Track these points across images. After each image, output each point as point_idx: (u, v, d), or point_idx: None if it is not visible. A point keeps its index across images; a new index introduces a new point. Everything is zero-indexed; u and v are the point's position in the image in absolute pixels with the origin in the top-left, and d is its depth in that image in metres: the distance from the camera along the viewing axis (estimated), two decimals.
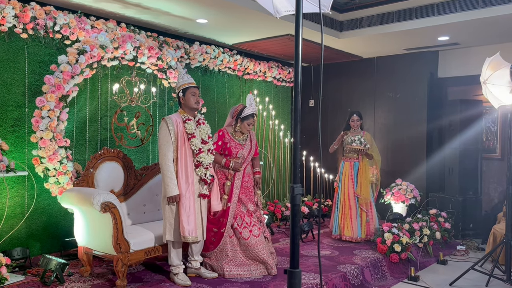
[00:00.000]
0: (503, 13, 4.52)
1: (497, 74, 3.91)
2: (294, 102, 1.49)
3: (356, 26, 5.65)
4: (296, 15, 1.45)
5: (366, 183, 5.20)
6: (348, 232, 5.15)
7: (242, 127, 3.96)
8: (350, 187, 5.20)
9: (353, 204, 5.17)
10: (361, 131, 5.31)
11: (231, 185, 3.92)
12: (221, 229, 3.86)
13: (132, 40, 4.55)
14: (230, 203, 3.88)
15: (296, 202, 1.51)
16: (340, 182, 5.29)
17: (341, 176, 5.28)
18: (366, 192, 5.19)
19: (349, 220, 5.16)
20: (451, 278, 4.29)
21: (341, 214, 5.22)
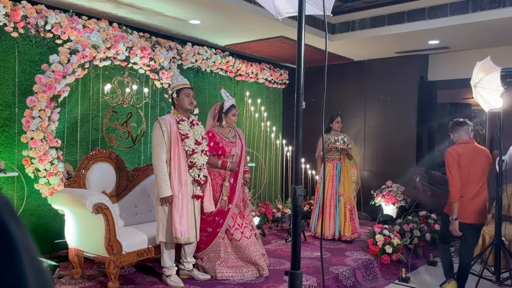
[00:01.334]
0: (493, 18, 4.60)
1: (488, 78, 3.97)
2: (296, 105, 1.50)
3: (348, 29, 5.69)
4: (299, 17, 1.45)
5: (349, 183, 5.37)
6: (319, 230, 5.27)
7: (228, 121, 3.96)
8: (330, 187, 5.32)
9: (332, 204, 5.29)
10: (341, 134, 5.42)
11: (232, 185, 3.90)
12: (217, 229, 3.84)
13: (124, 40, 4.52)
14: (231, 204, 3.87)
15: (297, 204, 1.51)
16: (322, 182, 5.35)
17: (323, 177, 5.33)
18: (349, 191, 5.35)
19: (326, 219, 5.29)
20: (441, 279, 4.34)
21: (319, 213, 5.34)
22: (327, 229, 5.29)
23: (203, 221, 3.83)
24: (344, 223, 5.25)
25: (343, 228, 5.25)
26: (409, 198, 5.83)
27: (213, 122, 4.06)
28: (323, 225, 5.33)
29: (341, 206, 5.29)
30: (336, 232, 5.25)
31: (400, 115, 6.57)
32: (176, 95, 3.59)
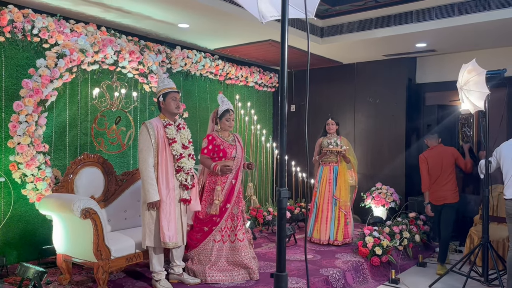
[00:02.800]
0: (478, 21, 4.67)
1: (473, 80, 4.02)
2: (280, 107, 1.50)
3: (336, 32, 5.73)
4: (282, 20, 1.46)
5: (345, 186, 5.31)
6: (317, 235, 5.27)
7: (222, 126, 3.97)
8: (327, 190, 5.28)
9: (330, 207, 5.25)
10: (337, 136, 5.40)
11: (232, 185, 3.90)
12: (213, 227, 3.83)
13: (112, 44, 4.50)
14: (229, 204, 3.87)
15: (282, 206, 1.51)
16: (319, 186, 5.34)
17: (319, 180, 5.35)
18: (346, 195, 5.30)
19: (323, 223, 5.24)
20: (431, 280, 4.38)
21: (316, 217, 5.30)
22: (323, 233, 5.23)
23: (200, 221, 3.84)
24: (338, 228, 5.22)
25: (335, 232, 5.22)
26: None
27: (213, 126, 4.07)
28: (320, 229, 5.24)
29: (337, 210, 5.25)
30: (330, 236, 5.21)
31: (389, 117, 6.62)
32: (162, 99, 3.58)
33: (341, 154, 5.25)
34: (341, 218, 5.24)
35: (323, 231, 5.23)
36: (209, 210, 3.83)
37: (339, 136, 5.41)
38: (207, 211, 3.87)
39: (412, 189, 6.53)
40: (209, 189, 3.91)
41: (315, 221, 5.31)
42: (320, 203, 5.30)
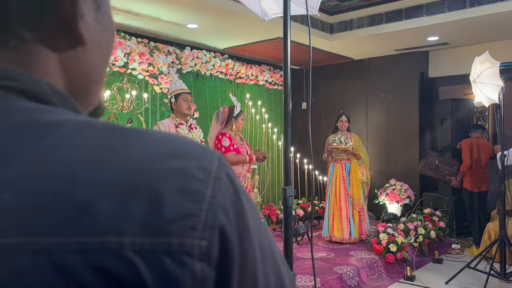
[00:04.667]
0: (490, 12, 4.57)
1: (487, 73, 3.94)
2: (284, 105, 1.50)
3: (346, 28, 5.68)
4: (284, 18, 1.45)
5: (357, 183, 5.27)
6: (338, 234, 5.18)
7: (237, 125, 4.00)
8: (341, 188, 5.22)
9: (344, 205, 5.19)
10: (348, 133, 5.34)
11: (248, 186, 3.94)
12: None
13: (122, 47, 4.54)
14: None
15: (288, 204, 1.50)
16: (331, 183, 5.30)
17: (331, 178, 5.30)
18: (358, 192, 5.25)
19: (340, 221, 5.18)
20: (447, 277, 4.31)
21: (331, 215, 5.24)
22: (341, 232, 5.15)
23: None
24: (354, 225, 5.18)
25: (354, 230, 5.16)
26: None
27: (221, 126, 4.04)
28: (340, 228, 5.15)
29: (351, 208, 5.20)
30: (352, 234, 5.13)
31: (402, 112, 6.54)
32: (174, 100, 3.61)
33: (350, 153, 5.20)
34: (355, 215, 5.19)
35: (342, 229, 5.15)
36: None
37: (349, 133, 5.36)
38: None
39: (426, 185, 6.45)
40: None
41: (332, 220, 5.23)
42: (334, 200, 5.25)
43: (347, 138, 5.27)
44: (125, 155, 0.30)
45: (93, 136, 0.31)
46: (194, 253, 0.29)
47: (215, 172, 0.32)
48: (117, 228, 0.27)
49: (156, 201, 0.29)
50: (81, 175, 0.29)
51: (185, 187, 0.30)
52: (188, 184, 0.30)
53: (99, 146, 0.30)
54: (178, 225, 0.29)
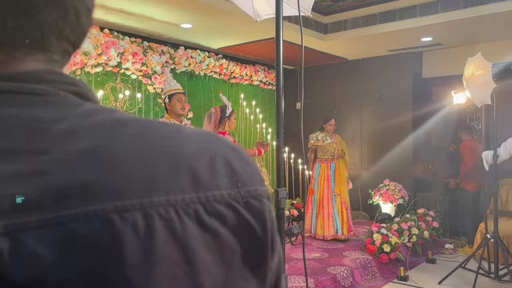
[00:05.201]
0: (483, 13, 4.59)
1: (479, 74, 3.96)
2: (276, 106, 1.49)
3: (340, 28, 5.68)
4: (276, 19, 1.44)
5: (344, 182, 5.46)
6: (321, 231, 5.30)
7: (230, 125, 4.01)
8: (325, 187, 5.36)
9: (327, 203, 5.33)
10: (333, 134, 5.53)
11: None
12: None
13: (116, 46, 4.52)
14: None
15: (281, 206, 1.49)
16: (316, 183, 5.38)
17: (317, 178, 5.42)
18: (345, 191, 5.45)
19: (325, 219, 5.31)
20: (440, 277, 4.33)
21: (317, 213, 5.38)
22: (326, 229, 5.28)
23: None
24: (342, 222, 5.29)
25: (341, 227, 5.27)
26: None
27: (214, 126, 4.03)
28: (323, 225, 5.34)
29: (338, 206, 5.33)
30: (338, 231, 5.29)
31: (396, 113, 6.55)
32: (168, 100, 3.59)
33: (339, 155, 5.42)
34: (343, 212, 5.33)
35: (326, 227, 5.29)
36: None
37: (334, 134, 5.53)
38: None
39: (420, 185, 6.47)
40: None
41: (317, 218, 5.37)
42: (319, 199, 5.37)
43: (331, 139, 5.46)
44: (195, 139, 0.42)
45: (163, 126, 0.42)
46: (263, 195, 0.43)
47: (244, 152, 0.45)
48: (217, 185, 0.40)
49: (231, 166, 0.42)
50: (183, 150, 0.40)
51: (241, 157, 0.43)
52: (241, 155, 0.44)
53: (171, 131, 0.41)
54: (249, 179, 0.42)
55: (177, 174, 0.38)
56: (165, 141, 0.40)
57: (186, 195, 0.38)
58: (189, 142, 0.41)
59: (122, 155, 0.37)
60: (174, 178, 0.38)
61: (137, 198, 0.35)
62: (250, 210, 0.42)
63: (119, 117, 0.40)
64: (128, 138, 0.38)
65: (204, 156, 0.41)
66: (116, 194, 0.35)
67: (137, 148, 0.38)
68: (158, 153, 0.38)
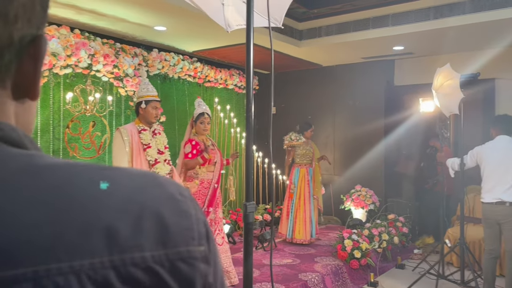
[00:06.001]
0: (453, 25, 4.72)
1: (448, 84, 4.06)
2: (246, 125, 1.46)
3: (315, 35, 5.73)
4: (247, 30, 1.43)
5: (319, 185, 5.66)
6: (300, 236, 5.37)
7: (197, 129, 3.96)
8: (306, 191, 5.45)
9: (308, 207, 5.41)
10: (310, 141, 5.67)
11: (215, 190, 3.89)
12: None
13: (86, 47, 4.40)
14: (211, 208, 3.84)
15: (249, 221, 1.47)
16: (296, 188, 5.43)
17: (296, 183, 5.46)
18: (320, 195, 5.67)
19: (303, 223, 5.39)
20: (409, 282, 4.40)
21: (294, 218, 5.43)
22: (304, 233, 5.35)
23: None
24: (315, 226, 5.45)
25: (314, 231, 5.43)
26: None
27: (189, 131, 4.04)
28: (301, 230, 5.39)
29: (315, 209, 5.49)
30: (313, 235, 5.37)
31: (368, 120, 6.65)
32: (144, 106, 3.49)
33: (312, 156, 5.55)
34: (316, 215, 5.52)
35: (305, 231, 5.36)
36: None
37: (310, 141, 5.67)
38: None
39: (391, 191, 6.58)
40: None
41: (294, 222, 5.41)
42: (299, 204, 5.44)
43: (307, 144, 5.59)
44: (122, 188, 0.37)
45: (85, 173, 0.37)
46: (197, 256, 0.39)
47: (188, 196, 0.41)
48: (139, 246, 0.35)
49: (162, 222, 0.37)
50: (103, 205, 0.35)
51: (178, 208, 0.39)
52: (178, 206, 0.39)
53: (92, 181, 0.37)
54: (182, 237, 0.38)
55: (89, 234, 0.33)
56: (81, 194, 0.35)
57: (96, 259, 0.33)
58: (113, 193, 0.36)
59: (20, 213, 0.32)
60: (83, 239, 0.33)
61: (31, 266, 0.31)
62: (175, 275, 0.36)
63: (36, 164, 0.36)
64: (34, 191, 0.34)
65: (129, 211, 0.36)
66: (3, 262, 0.30)
67: (42, 204, 0.33)
68: (68, 210, 0.34)
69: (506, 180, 3.63)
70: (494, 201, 3.69)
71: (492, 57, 5.55)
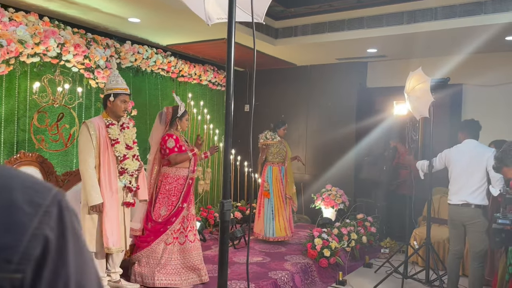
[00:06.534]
0: (425, 30, 4.83)
1: (419, 87, 4.15)
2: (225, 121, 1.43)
3: (291, 34, 5.74)
4: (229, 24, 1.40)
5: (292, 184, 5.67)
6: (282, 233, 5.39)
7: (182, 126, 3.91)
8: (280, 189, 5.48)
9: (283, 205, 5.44)
10: (282, 139, 5.66)
11: (190, 186, 3.85)
12: (167, 226, 3.73)
13: (55, 36, 4.24)
14: (185, 203, 3.78)
15: (225, 219, 1.44)
16: (271, 186, 5.41)
17: (270, 181, 5.46)
18: (294, 193, 5.68)
19: (284, 221, 5.40)
20: (376, 281, 4.48)
21: (278, 216, 5.42)
22: (285, 230, 5.37)
23: (155, 223, 3.73)
24: (290, 224, 5.47)
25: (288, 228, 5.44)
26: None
27: (165, 127, 3.89)
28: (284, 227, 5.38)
29: (288, 208, 5.50)
30: (288, 233, 5.41)
31: (341, 120, 6.73)
32: (112, 98, 3.39)
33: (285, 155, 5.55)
34: (290, 214, 5.54)
35: (285, 228, 5.39)
36: (163, 212, 3.75)
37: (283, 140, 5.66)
38: (160, 213, 3.77)
39: (360, 191, 6.69)
40: (164, 190, 3.78)
41: (274, 220, 5.40)
42: (278, 203, 5.44)
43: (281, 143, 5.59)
44: None
45: None
46: (5, 286, 0.31)
47: (46, 206, 0.35)
48: None
49: None
50: None
51: (7, 220, 0.32)
52: (11, 217, 0.33)
53: None
54: None
55: None
56: None
57: None
58: None
59: None
60: None
61: None
62: None
63: None
64: None
65: None
66: None
67: None
68: None
69: (472, 183, 3.75)
70: (460, 203, 3.80)
71: (461, 63, 5.72)
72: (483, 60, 5.81)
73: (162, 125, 3.94)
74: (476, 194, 3.73)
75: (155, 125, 3.97)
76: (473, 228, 3.75)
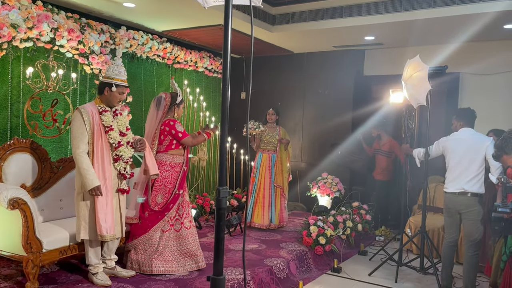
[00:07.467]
0: (423, 17, 4.78)
1: (417, 75, 4.12)
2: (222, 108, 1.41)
3: (288, 20, 5.67)
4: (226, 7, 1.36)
5: (285, 173, 5.58)
6: (258, 220, 5.41)
7: (179, 113, 3.91)
8: (267, 177, 5.46)
9: (267, 194, 5.44)
10: (276, 126, 5.61)
11: (185, 173, 3.84)
12: (165, 212, 3.73)
13: (49, 21, 4.17)
14: (182, 190, 3.79)
15: (222, 206, 1.43)
16: (258, 172, 5.47)
17: (258, 167, 5.47)
18: (285, 182, 5.58)
19: (262, 208, 5.42)
20: (371, 269, 4.51)
21: (255, 202, 5.44)
22: (262, 218, 5.38)
23: (152, 210, 3.73)
24: (275, 212, 5.44)
25: (275, 217, 5.44)
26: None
27: (162, 113, 3.81)
28: (259, 214, 5.42)
29: (277, 196, 5.46)
30: (272, 221, 5.42)
31: (337, 108, 6.71)
32: (110, 88, 3.32)
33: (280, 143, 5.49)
34: (277, 203, 5.47)
35: (263, 216, 5.41)
36: (160, 200, 3.74)
37: (278, 127, 5.62)
38: (157, 200, 3.75)
39: (356, 179, 6.70)
40: (161, 178, 3.75)
41: (254, 206, 5.45)
42: (259, 189, 5.45)
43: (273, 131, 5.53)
44: None
45: None
46: None
47: None
48: None
49: None
50: None
51: None
52: None
53: None
54: None
55: None
56: None
57: None
58: None
59: None
60: None
61: None
62: None
63: None
64: None
65: None
66: None
67: None
68: None
69: (469, 171, 3.75)
70: (457, 191, 3.80)
71: (458, 51, 5.70)
72: (480, 49, 5.78)
73: (160, 112, 3.85)
74: (473, 182, 3.74)
75: (151, 111, 3.91)
76: (469, 216, 3.76)
